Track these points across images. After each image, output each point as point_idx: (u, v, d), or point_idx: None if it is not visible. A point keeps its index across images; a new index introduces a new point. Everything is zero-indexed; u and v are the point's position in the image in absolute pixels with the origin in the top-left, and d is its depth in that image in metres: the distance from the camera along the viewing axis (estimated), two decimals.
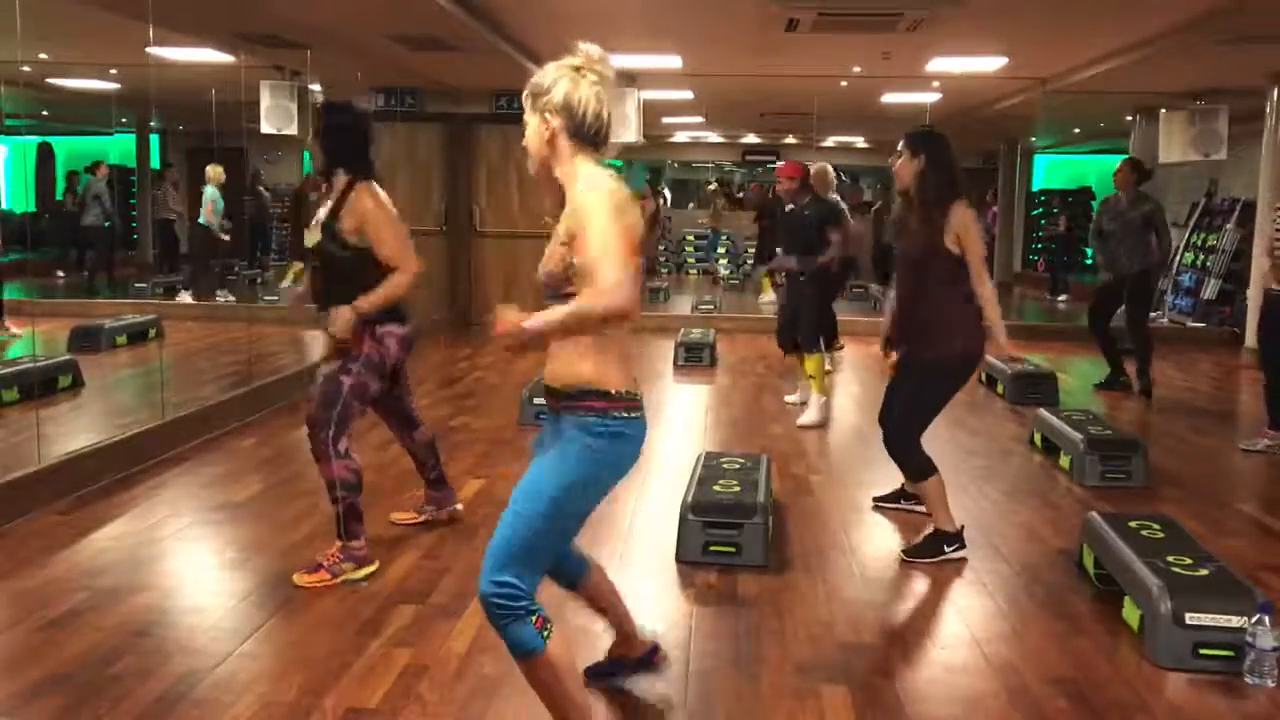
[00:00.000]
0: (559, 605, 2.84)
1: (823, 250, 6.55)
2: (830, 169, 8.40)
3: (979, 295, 3.97)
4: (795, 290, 6.71)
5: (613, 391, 2.30)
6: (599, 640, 3.05)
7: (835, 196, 8.43)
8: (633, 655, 2.94)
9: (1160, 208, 7.57)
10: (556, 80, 2.37)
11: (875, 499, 4.78)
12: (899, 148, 4.09)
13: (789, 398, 7.17)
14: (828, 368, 8.38)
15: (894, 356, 4.22)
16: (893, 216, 4.29)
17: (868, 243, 14.30)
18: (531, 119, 2.42)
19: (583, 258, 2.23)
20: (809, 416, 6.54)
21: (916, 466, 4.10)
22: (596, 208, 2.24)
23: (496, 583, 2.29)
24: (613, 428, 2.30)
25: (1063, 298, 14.69)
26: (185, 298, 11.23)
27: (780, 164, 7.07)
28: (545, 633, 2.30)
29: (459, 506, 4.41)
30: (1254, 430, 6.23)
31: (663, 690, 2.94)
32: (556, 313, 2.24)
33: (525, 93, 2.43)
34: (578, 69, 2.38)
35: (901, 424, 4.12)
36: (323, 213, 3.74)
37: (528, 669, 2.35)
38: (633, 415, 2.33)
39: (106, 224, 12.10)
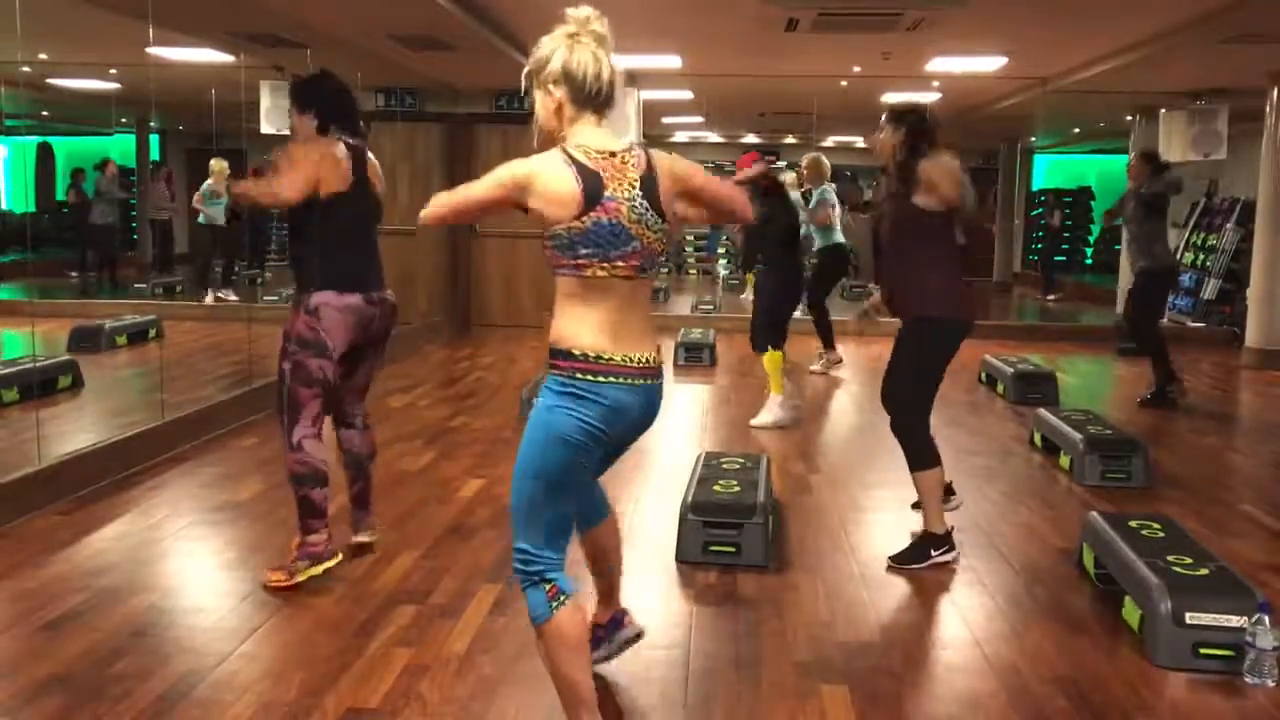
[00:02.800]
0: None
1: (772, 248, 6.30)
2: (824, 159, 8.36)
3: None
4: (760, 287, 6.55)
5: (576, 352, 2.32)
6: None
7: (831, 186, 8.39)
8: (603, 619, 2.97)
9: (1163, 190, 7.06)
10: (553, 51, 2.41)
11: (914, 504, 4.34)
12: (882, 122, 4.04)
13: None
14: (816, 368, 8.40)
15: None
16: (879, 198, 4.24)
17: (867, 242, 14.27)
18: (537, 94, 2.45)
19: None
20: (762, 417, 6.33)
21: (915, 449, 3.96)
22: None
23: (514, 549, 2.39)
24: (569, 386, 2.32)
25: (1052, 296, 14.61)
26: (209, 299, 11.25)
27: (742, 155, 6.79)
28: (555, 603, 2.34)
29: (366, 540, 3.94)
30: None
31: (662, 690, 2.94)
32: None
33: (526, 70, 2.47)
34: (572, 35, 2.41)
35: (898, 395, 4.01)
36: None
37: (537, 636, 2.39)
38: (596, 378, 2.32)
39: (112, 222, 12.11)
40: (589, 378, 2.32)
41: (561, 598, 2.35)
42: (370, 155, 3.76)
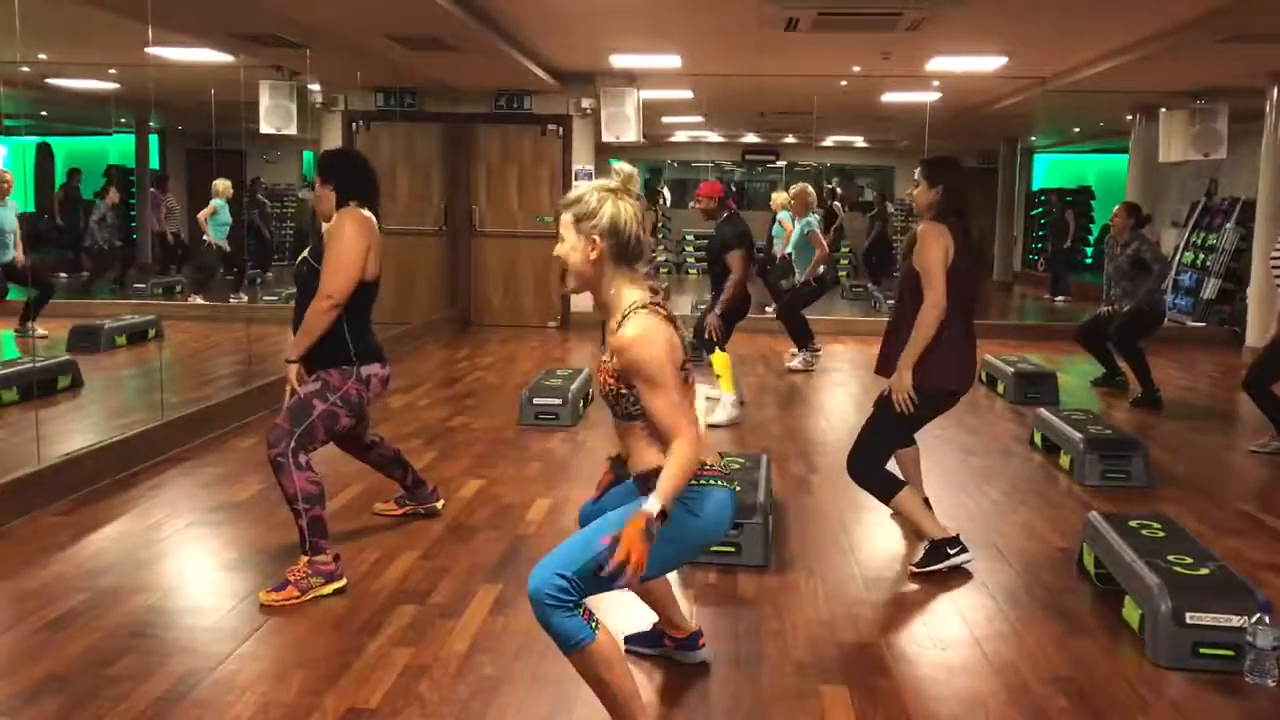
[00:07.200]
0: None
1: (722, 274, 6.57)
2: (810, 190, 8.69)
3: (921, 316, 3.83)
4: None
5: (706, 461, 2.54)
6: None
7: (815, 216, 8.73)
8: (677, 636, 3.06)
9: (1147, 243, 7.39)
10: (602, 203, 2.47)
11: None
12: (915, 176, 4.03)
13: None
14: (793, 365, 8.53)
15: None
16: (905, 243, 4.24)
17: (862, 242, 14.27)
18: (573, 238, 2.49)
19: (652, 413, 2.41)
20: (718, 415, 6.49)
21: (878, 489, 4.01)
22: (646, 360, 2.38)
23: (557, 575, 2.36)
24: (687, 496, 2.45)
25: (1061, 298, 14.58)
26: (196, 299, 11.23)
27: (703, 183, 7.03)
28: (594, 624, 2.39)
29: (440, 505, 4.47)
30: (1260, 430, 6.20)
31: (662, 690, 2.94)
32: (666, 484, 2.32)
33: (566, 213, 2.51)
34: (615, 190, 2.49)
35: (862, 446, 4.04)
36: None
37: (579, 660, 2.41)
38: (704, 483, 2.51)
39: (108, 246, 12.08)
40: (698, 483, 2.48)
41: (595, 618, 2.41)
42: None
